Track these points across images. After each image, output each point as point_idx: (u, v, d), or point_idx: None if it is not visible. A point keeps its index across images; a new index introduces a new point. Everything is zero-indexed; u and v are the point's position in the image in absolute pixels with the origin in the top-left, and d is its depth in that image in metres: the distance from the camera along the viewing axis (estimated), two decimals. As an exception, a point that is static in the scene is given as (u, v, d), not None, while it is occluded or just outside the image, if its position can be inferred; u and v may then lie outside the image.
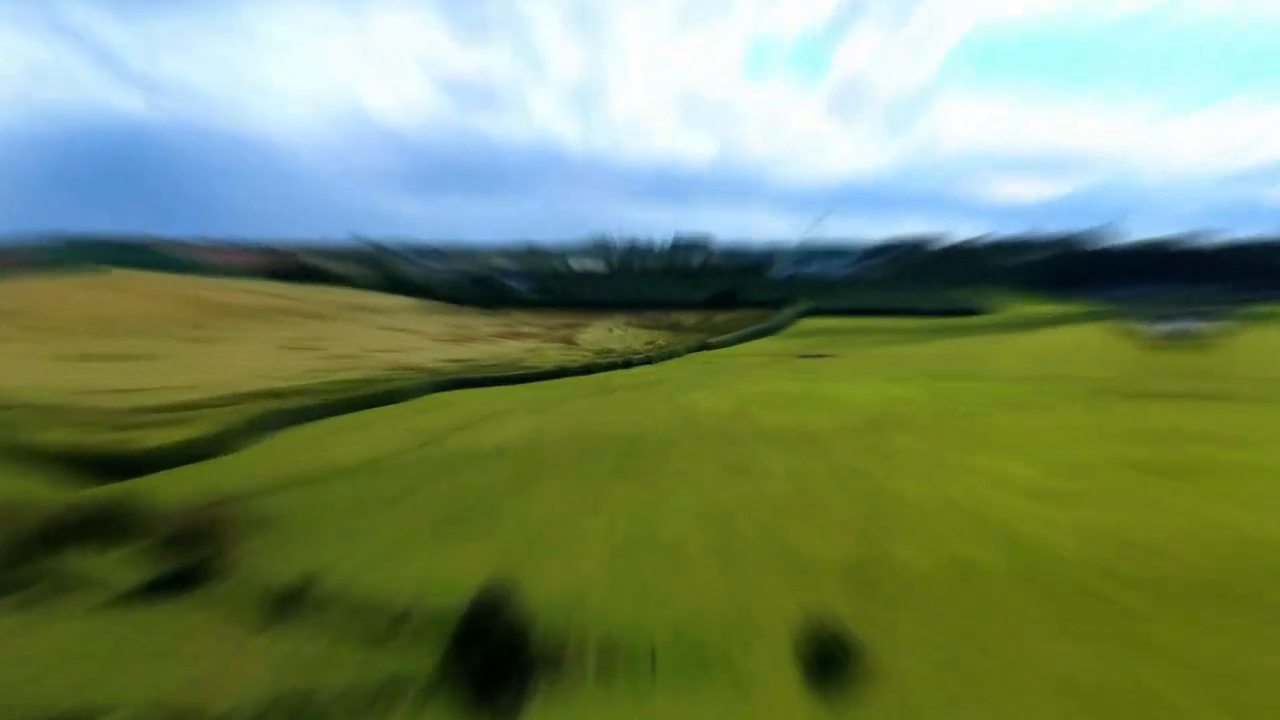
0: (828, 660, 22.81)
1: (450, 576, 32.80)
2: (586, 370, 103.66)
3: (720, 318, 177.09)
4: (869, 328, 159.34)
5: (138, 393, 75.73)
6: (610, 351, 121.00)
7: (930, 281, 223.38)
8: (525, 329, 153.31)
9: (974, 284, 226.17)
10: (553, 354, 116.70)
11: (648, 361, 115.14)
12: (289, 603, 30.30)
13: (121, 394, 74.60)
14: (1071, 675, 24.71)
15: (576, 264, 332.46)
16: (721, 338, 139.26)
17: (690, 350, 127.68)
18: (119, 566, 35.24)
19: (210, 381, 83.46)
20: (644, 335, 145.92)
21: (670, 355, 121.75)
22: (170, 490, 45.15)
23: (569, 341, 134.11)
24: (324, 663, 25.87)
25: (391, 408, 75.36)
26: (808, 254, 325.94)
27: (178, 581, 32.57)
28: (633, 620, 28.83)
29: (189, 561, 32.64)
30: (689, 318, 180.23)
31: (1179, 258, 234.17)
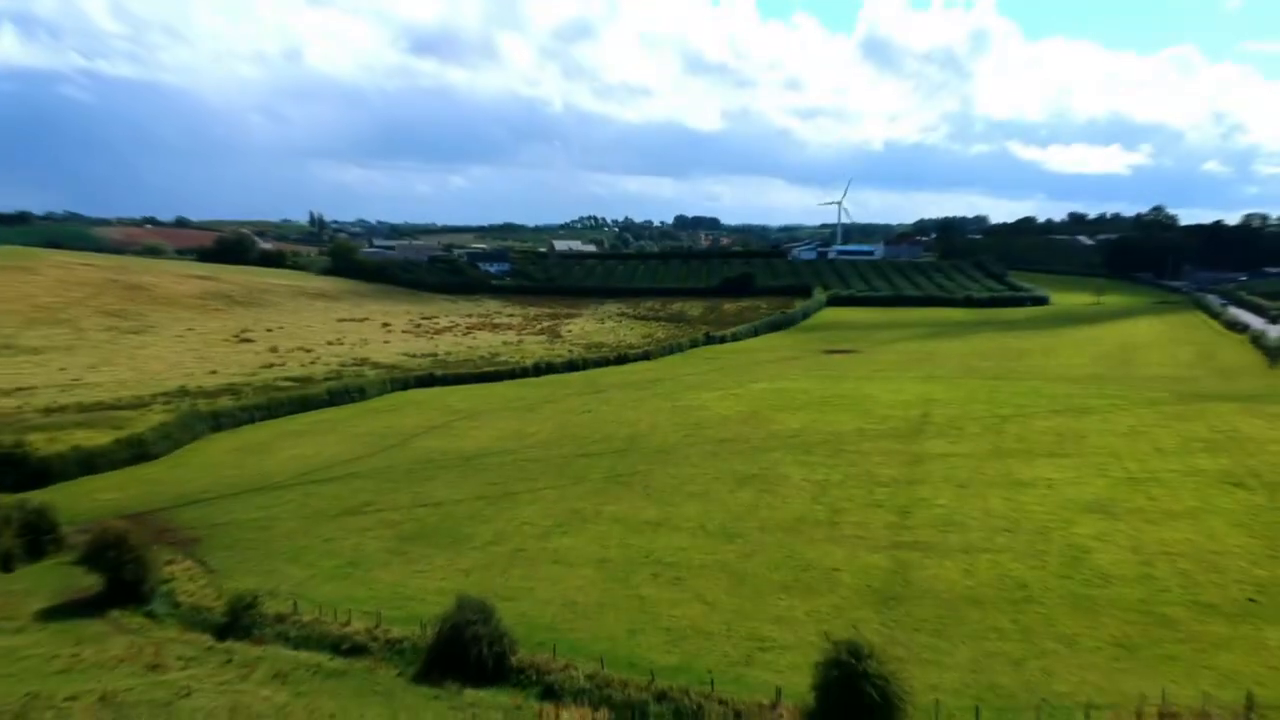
0: (851, 696, 23.34)
1: (415, 599, 33.41)
2: (572, 367, 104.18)
3: (730, 307, 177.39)
4: (903, 320, 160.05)
5: (53, 390, 76.14)
6: (601, 346, 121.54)
7: (975, 266, 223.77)
8: (501, 319, 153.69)
9: (1025, 268, 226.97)
10: (534, 348, 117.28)
11: (645, 357, 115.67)
12: (229, 627, 30.91)
13: (33, 391, 75.05)
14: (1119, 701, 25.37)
15: (562, 245, 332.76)
16: (732, 329, 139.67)
17: (695, 344, 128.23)
18: (34, 582, 35.90)
19: (140, 378, 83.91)
20: (640, 328, 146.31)
21: (672, 350, 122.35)
22: (89, 500, 45.60)
23: (553, 334, 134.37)
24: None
25: (349, 407, 75.92)
26: (833, 233, 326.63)
27: (98, 601, 33.20)
28: (628, 645, 29.45)
29: (109, 577, 33.22)
30: (694, 307, 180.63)
31: (1248, 241, 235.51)
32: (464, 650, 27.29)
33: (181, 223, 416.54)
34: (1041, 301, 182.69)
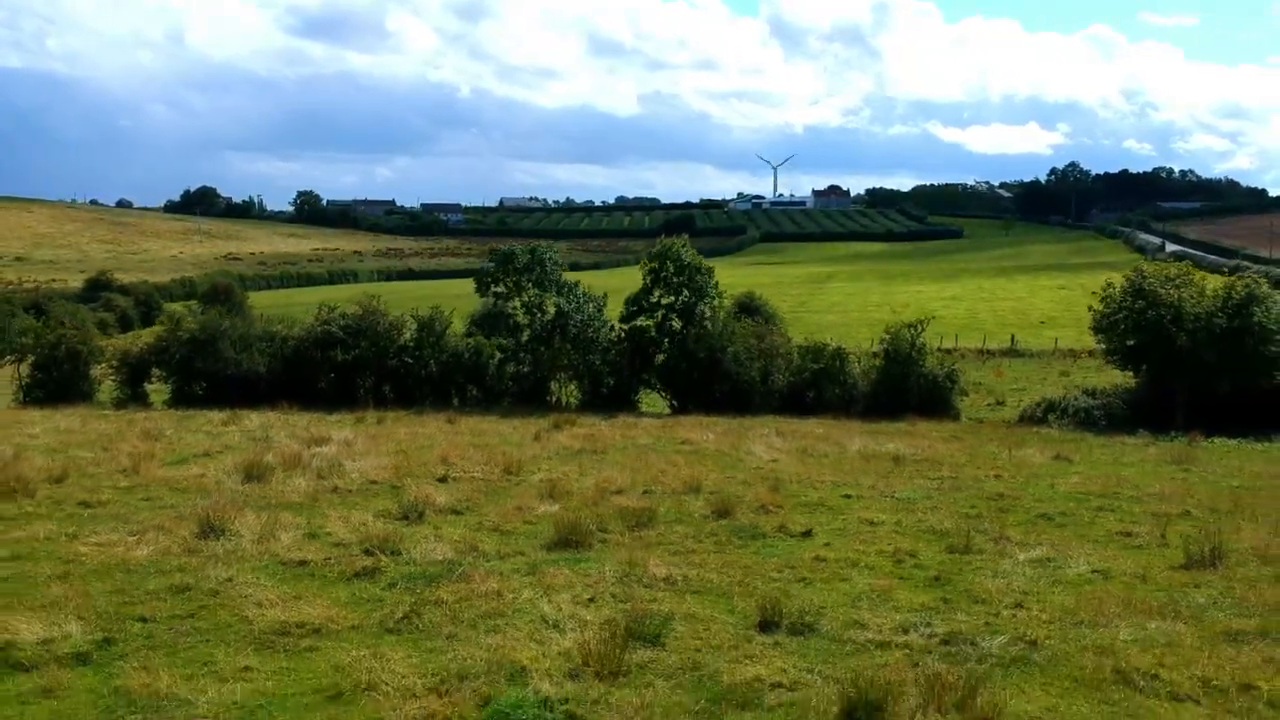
0: (747, 314, 36.13)
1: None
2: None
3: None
4: (828, 249, 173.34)
5: (81, 279, 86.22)
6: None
7: (899, 212, 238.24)
8: (461, 252, 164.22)
9: (945, 214, 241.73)
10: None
11: (596, 267, 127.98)
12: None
13: (65, 280, 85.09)
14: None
15: (511, 202, 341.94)
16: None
17: (639, 261, 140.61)
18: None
19: (152, 278, 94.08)
20: (591, 257, 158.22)
21: (617, 264, 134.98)
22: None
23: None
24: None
25: (347, 286, 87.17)
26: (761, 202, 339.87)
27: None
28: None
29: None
30: (637, 244, 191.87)
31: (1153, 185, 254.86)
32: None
33: (124, 204, 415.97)
34: (956, 235, 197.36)
